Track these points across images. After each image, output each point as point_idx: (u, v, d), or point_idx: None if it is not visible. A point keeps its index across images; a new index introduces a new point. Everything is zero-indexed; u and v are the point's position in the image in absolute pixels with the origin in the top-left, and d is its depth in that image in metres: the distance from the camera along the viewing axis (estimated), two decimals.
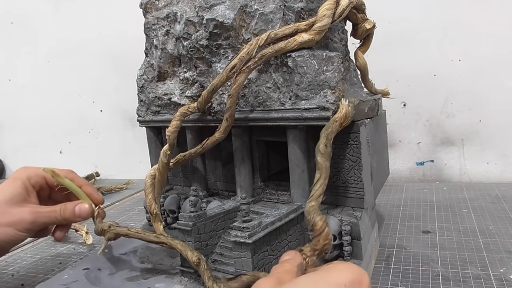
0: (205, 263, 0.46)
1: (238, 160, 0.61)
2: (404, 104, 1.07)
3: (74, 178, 0.58)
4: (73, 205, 0.55)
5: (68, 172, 0.59)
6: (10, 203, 0.53)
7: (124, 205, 1.06)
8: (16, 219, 0.52)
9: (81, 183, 0.58)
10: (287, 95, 0.54)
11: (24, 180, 0.55)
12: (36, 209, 0.54)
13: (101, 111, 1.43)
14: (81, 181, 0.58)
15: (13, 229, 0.52)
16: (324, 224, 0.37)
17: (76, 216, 0.55)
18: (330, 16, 0.50)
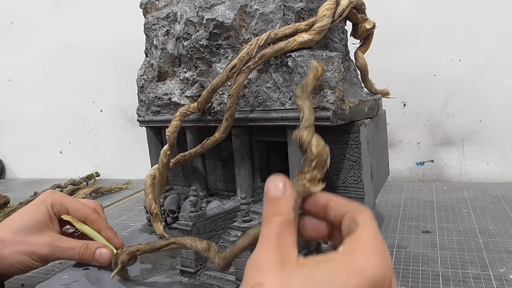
0: (214, 246, 0.44)
1: (238, 160, 0.61)
2: (404, 104, 1.06)
3: (95, 220, 0.55)
4: (94, 247, 0.53)
5: (92, 210, 0.56)
6: (30, 230, 0.51)
7: (124, 205, 1.06)
8: (33, 249, 0.51)
9: (101, 226, 0.56)
10: (287, 95, 0.54)
11: (48, 206, 0.53)
12: (54, 242, 0.52)
13: (101, 111, 1.43)
14: (101, 223, 0.56)
15: (29, 258, 0.51)
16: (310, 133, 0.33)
17: (95, 260, 0.53)
18: (330, 16, 0.50)
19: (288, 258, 0.25)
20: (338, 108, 0.51)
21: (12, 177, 1.64)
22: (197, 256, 0.53)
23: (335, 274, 0.23)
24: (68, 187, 1.16)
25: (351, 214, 0.28)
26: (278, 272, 0.24)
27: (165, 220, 0.69)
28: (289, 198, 0.28)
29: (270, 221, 0.27)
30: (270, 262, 0.24)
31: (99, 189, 1.18)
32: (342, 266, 0.23)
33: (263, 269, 0.24)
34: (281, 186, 0.28)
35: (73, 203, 0.56)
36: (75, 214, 0.55)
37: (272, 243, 0.26)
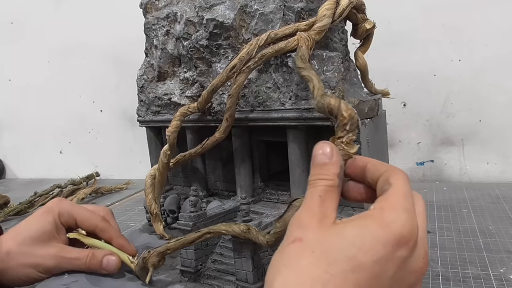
0: (253, 228, 0.43)
1: (238, 160, 0.61)
2: (404, 104, 1.06)
3: (104, 229, 0.53)
4: (101, 255, 0.51)
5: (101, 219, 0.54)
6: (36, 241, 0.50)
7: (124, 205, 1.06)
8: (39, 261, 0.50)
9: (112, 235, 0.53)
10: (287, 95, 0.54)
11: (55, 216, 0.52)
12: (60, 253, 0.51)
13: (101, 111, 1.43)
14: (111, 231, 0.54)
15: (35, 270, 0.50)
16: (337, 100, 0.34)
17: (103, 268, 0.51)
18: (330, 16, 0.50)
19: (327, 218, 0.27)
20: None
21: (12, 177, 1.64)
22: (197, 256, 0.53)
23: (365, 229, 0.25)
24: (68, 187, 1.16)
25: (386, 175, 0.29)
26: (316, 229, 0.26)
27: (165, 220, 0.69)
28: (335, 164, 0.29)
29: (316, 184, 0.29)
30: (311, 221, 0.26)
31: (99, 189, 1.18)
32: (372, 222, 0.26)
33: (303, 226, 0.26)
34: (329, 152, 0.29)
35: (82, 212, 0.53)
36: (83, 224, 0.53)
37: (315, 204, 0.27)
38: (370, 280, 0.24)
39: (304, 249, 0.25)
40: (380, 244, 0.24)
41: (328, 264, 0.24)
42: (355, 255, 0.24)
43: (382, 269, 0.24)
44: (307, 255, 0.25)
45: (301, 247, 0.25)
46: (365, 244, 0.24)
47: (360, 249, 0.24)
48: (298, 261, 0.25)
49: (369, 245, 0.24)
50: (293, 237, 0.26)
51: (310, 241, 0.25)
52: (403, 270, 0.25)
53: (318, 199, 0.28)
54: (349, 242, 0.25)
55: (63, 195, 1.09)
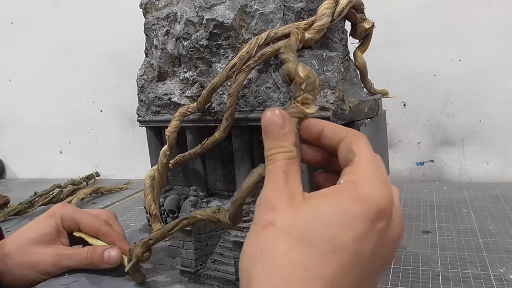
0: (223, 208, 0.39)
1: (238, 160, 0.61)
2: (404, 104, 1.06)
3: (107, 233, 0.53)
4: (102, 249, 0.51)
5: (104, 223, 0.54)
6: (36, 242, 0.50)
7: (124, 205, 1.06)
8: (37, 260, 0.49)
9: (114, 239, 0.53)
10: (287, 95, 0.54)
11: (58, 220, 0.52)
12: (59, 250, 0.51)
13: (101, 111, 1.43)
14: (114, 235, 0.53)
15: (34, 271, 0.49)
16: (295, 63, 0.32)
17: (104, 262, 0.51)
18: (329, 15, 0.50)
19: (296, 194, 0.26)
20: (338, 108, 0.51)
21: (12, 177, 1.64)
22: (197, 256, 0.53)
23: (341, 206, 0.24)
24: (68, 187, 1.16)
25: (346, 142, 0.27)
26: (288, 210, 0.25)
27: (165, 220, 0.69)
28: (290, 133, 0.27)
29: (275, 159, 0.27)
30: (280, 201, 0.25)
31: (99, 189, 1.18)
32: (346, 197, 0.24)
33: (273, 208, 0.25)
34: (280, 120, 0.27)
35: (84, 217, 0.53)
36: (86, 228, 0.53)
37: (280, 181, 0.26)
38: (351, 257, 0.23)
39: (278, 233, 0.24)
40: (359, 220, 0.23)
41: (307, 247, 0.23)
42: (334, 235, 0.23)
43: (362, 245, 0.23)
44: (282, 239, 0.24)
45: (275, 231, 0.24)
46: (343, 222, 0.23)
47: (339, 229, 0.23)
48: (275, 247, 0.23)
49: (348, 223, 0.23)
50: (264, 221, 0.25)
51: (283, 224, 0.24)
52: (381, 241, 0.24)
53: (282, 175, 0.26)
54: (325, 222, 0.24)
55: (63, 195, 1.09)
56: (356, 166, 0.26)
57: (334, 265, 0.23)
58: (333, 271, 0.23)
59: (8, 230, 0.93)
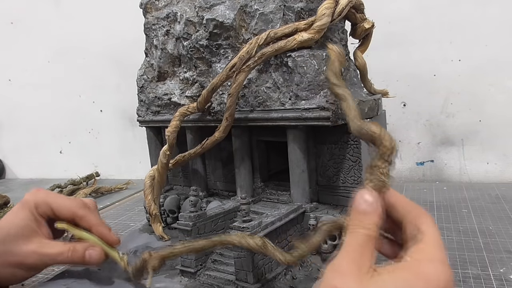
0: (270, 243, 0.42)
1: (238, 160, 0.61)
2: (404, 104, 1.06)
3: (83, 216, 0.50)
4: (83, 249, 0.49)
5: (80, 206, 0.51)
6: (16, 238, 0.48)
7: (124, 205, 1.06)
8: (20, 260, 0.48)
9: (92, 223, 0.50)
10: (287, 95, 0.54)
11: (32, 208, 0.49)
12: (41, 249, 0.49)
13: (101, 111, 1.43)
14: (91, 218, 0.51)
15: (19, 269, 0.49)
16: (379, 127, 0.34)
17: (86, 261, 0.49)
18: (329, 15, 0.50)
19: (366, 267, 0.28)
20: (338, 108, 0.51)
21: (12, 177, 1.64)
22: (197, 256, 0.53)
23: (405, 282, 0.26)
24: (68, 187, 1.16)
25: (414, 219, 0.30)
26: (356, 278, 0.27)
27: (165, 220, 0.69)
28: (377, 214, 0.30)
29: (356, 232, 0.29)
30: (350, 269, 0.27)
31: (99, 189, 1.18)
32: (411, 274, 0.27)
33: (342, 274, 0.27)
34: (371, 201, 0.30)
35: (58, 200, 0.51)
36: (60, 212, 0.50)
37: (355, 253, 0.28)
38: None
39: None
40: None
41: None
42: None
43: None
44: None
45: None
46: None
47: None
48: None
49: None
50: (331, 284, 0.27)
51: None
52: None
53: (358, 249, 0.28)
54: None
55: None
56: (423, 246, 0.28)
57: None
58: None
59: None
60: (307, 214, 0.55)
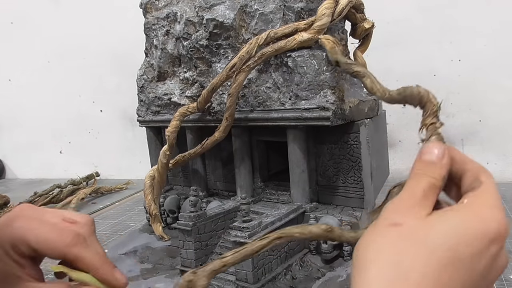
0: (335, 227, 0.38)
1: (238, 160, 0.61)
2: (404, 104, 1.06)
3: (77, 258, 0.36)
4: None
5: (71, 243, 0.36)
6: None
7: (124, 205, 1.06)
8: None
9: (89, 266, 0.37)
10: (287, 95, 0.54)
11: (8, 249, 0.35)
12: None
13: (101, 111, 1.43)
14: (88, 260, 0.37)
15: None
16: (421, 87, 0.38)
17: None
18: (329, 15, 0.50)
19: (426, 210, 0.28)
20: (338, 108, 0.51)
21: (12, 177, 1.64)
22: (197, 256, 0.53)
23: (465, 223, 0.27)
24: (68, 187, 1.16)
25: (474, 172, 0.31)
26: (416, 217, 0.27)
27: (165, 220, 0.69)
28: (445, 167, 0.30)
29: (421, 177, 0.30)
30: (412, 209, 0.28)
31: (99, 189, 1.18)
32: (471, 217, 0.27)
33: (403, 212, 0.27)
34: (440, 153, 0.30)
35: (41, 236, 0.35)
36: (45, 252, 0.36)
37: (418, 195, 0.28)
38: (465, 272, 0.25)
39: (404, 234, 0.26)
40: (479, 238, 0.26)
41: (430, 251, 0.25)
42: (455, 246, 0.25)
43: (477, 262, 0.26)
44: (407, 239, 0.26)
45: (401, 232, 0.26)
46: (465, 236, 0.26)
47: (460, 241, 0.26)
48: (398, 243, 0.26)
49: (469, 238, 0.26)
50: (392, 220, 0.27)
51: (410, 227, 0.27)
52: (491, 267, 0.27)
53: (421, 192, 0.29)
54: (449, 233, 0.26)
55: (63, 195, 1.09)
56: (482, 193, 0.29)
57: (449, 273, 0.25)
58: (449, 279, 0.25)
59: None
60: (307, 214, 0.55)
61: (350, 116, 0.53)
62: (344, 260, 0.52)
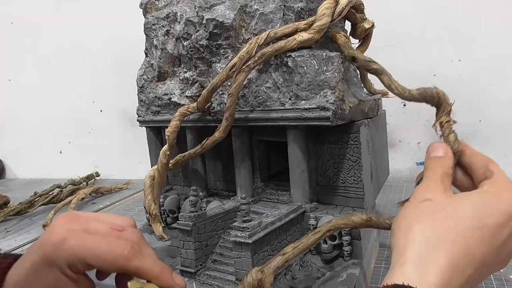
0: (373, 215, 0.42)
1: (238, 160, 0.61)
2: (404, 104, 1.06)
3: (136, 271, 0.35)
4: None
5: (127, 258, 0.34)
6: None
7: (124, 205, 1.06)
8: None
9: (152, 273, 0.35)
10: (287, 95, 0.54)
11: (63, 268, 0.34)
12: None
13: (101, 111, 1.43)
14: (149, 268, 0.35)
15: None
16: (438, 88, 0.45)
17: None
18: (329, 15, 0.50)
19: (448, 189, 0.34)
20: (338, 108, 0.51)
21: (12, 177, 1.64)
22: (197, 256, 0.53)
23: (488, 199, 0.32)
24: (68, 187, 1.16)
25: (485, 163, 0.36)
26: (443, 194, 0.33)
27: (165, 220, 0.69)
28: (450, 158, 0.37)
29: (435, 168, 0.36)
30: (437, 188, 0.33)
31: (99, 189, 1.18)
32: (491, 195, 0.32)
33: (432, 190, 0.33)
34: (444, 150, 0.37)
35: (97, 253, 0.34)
36: (105, 269, 0.35)
37: (437, 179, 0.34)
38: (490, 238, 0.30)
39: (435, 206, 0.31)
40: (501, 213, 0.31)
41: (459, 219, 0.30)
42: (481, 216, 0.30)
43: (499, 232, 0.30)
44: (439, 211, 0.31)
45: (433, 205, 0.32)
46: (489, 209, 0.31)
47: (485, 213, 0.31)
48: (432, 215, 0.31)
49: (492, 211, 0.31)
50: (424, 197, 0.32)
51: (440, 201, 0.32)
52: (511, 238, 0.31)
53: (440, 177, 0.34)
54: (475, 206, 0.31)
55: (63, 195, 1.09)
56: (496, 180, 0.34)
57: (477, 238, 0.30)
58: (477, 243, 0.29)
59: (8, 230, 0.93)
60: (307, 214, 0.55)
61: (350, 116, 0.53)
62: (344, 260, 0.52)
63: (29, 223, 0.98)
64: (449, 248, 0.29)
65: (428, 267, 0.28)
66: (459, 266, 0.29)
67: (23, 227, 0.95)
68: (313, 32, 0.50)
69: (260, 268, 0.39)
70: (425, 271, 0.28)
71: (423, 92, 0.46)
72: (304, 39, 0.50)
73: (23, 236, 0.89)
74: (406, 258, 0.29)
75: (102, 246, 0.34)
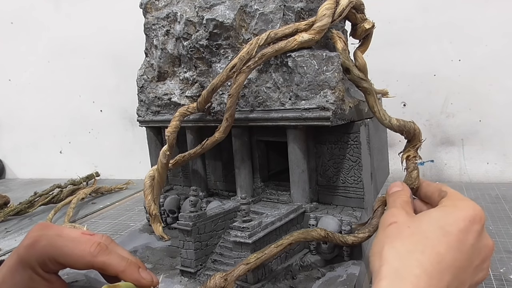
0: (331, 232, 0.48)
1: (238, 160, 0.61)
2: (404, 104, 1.06)
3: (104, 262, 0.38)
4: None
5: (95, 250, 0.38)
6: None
7: (124, 205, 1.06)
8: None
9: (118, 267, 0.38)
10: (287, 95, 0.54)
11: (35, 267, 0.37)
12: None
13: (101, 111, 1.43)
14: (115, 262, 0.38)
15: None
16: (415, 125, 0.46)
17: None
18: (330, 15, 0.50)
19: (410, 213, 0.38)
20: (338, 108, 0.51)
21: (12, 177, 1.64)
22: (197, 256, 0.53)
23: (446, 212, 0.35)
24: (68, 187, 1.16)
25: (439, 188, 0.41)
26: (406, 216, 0.36)
27: (165, 220, 0.69)
28: (407, 190, 0.43)
29: (395, 200, 0.40)
30: (400, 212, 0.37)
31: (99, 189, 1.18)
32: (449, 209, 0.35)
33: (395, 215, 0.37)
34: (399, 186, 0.44)
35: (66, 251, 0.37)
36: (74, 266, 0.38)
37: (399, 206, 0.38)
38: (457, 244, 0.32)
39: (401, 226, 0.35)
40: (461, 219, 0.33)
41: (424, 232, 0.33)
42: (443, 225, 0.33)
43: (465, 237, 0.32)
44: (405, 229, 0.34)
45: (398, 225, 0.35)
46: (449, 219, 0.34)
47: (446, 222, 0.33)
48: (399, 234, 0.34)
49: (453, 220, 0.33)
50: (389, 222, 0.36)
51: (404, 221, 0.35)
52: (479, 242, 0.33)
53: (400, 205, 0.39)
54: (436, 219, 0.34)
55: (63, 195, 1.09)
56: (450, 195, 0.38)
57: (445, 245, 0.32)
58: (445, 250, 0.31)
59: (8, 230, 0.93)
60: (307, 214, 0.55)
61: (350, 116, 0.53)
62: (344, 260, 0.52)
63: (29, 223, 0.98)
64: (421, 257, 0.31)
65: (404, 278, 0.30)
66: (434, 273, 0.30)
67: (23, 227, 0.95)
68: (314, 33, 0.50)
69: (224, 275, 0.41)
70: (401, 282, 0.30)
71: (402, 126, 0.47)
72: (304, 40, 0.50)
73: (23, 236, 0.89)
74: (382, 275, 0.31)
75: (71, 246, 0.37)
